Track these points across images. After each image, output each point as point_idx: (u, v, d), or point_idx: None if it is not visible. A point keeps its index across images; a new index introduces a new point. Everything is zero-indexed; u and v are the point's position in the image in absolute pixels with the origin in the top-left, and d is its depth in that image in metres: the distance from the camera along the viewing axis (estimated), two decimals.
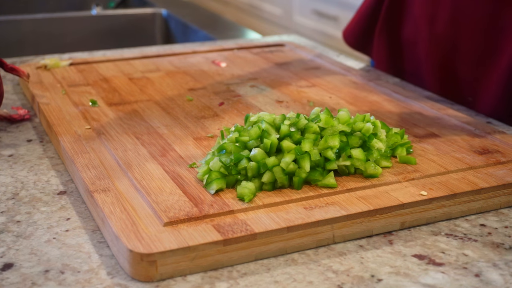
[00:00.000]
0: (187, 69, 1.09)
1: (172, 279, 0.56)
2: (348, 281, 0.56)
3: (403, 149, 0.74)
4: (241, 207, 0.62)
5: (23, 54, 1.55)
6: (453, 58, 1.02)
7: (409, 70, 1.11)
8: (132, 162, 0.71)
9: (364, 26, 1.19)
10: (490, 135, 0.81)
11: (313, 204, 0.63)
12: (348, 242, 0.62)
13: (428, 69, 1.06)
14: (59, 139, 0.78)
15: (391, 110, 0.90)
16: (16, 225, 0.64)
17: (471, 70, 1.00)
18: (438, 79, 1.05)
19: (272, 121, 0.70)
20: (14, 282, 0.55)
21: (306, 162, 0.66)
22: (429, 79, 1.06)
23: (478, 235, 0.64)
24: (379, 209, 0.62)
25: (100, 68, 1.08)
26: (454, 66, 1.02)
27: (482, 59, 0.99)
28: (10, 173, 0.75)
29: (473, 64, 1.00)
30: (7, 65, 0.90)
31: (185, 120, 0.85)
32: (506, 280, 0.56)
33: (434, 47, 1.04)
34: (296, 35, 1.38)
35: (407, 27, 1.10)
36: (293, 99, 0.95)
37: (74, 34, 1.82)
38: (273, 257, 0.59)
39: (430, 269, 0.58)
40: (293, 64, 1.12)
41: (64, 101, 0.91)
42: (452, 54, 1.02)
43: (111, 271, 0.57)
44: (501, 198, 0.68)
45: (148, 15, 1.89)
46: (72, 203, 0.68)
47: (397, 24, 1.12)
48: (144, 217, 0.60)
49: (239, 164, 0.66)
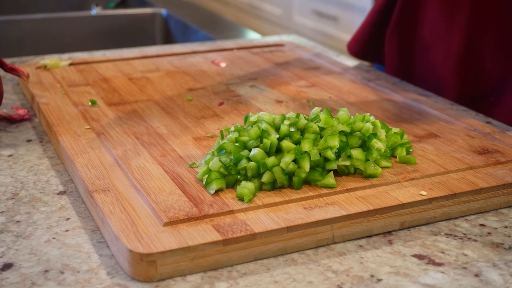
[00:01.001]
0: (187, 69, 1.09)
1: (171, 279, 0.56)
2: (348, 281, 0.56)
3: (402, 149, 0.74)
4: (240, 207, 0.62)
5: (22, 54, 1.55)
6: (474, 58, 1.01)
7: (420, 74, 1.10)
8: (132, 162, 0.71)
9: (372, 34, 1.17)
10: (489, 135, 0.81)
11: (313, 204, 0.63)
12: (347, 242, 0.62)
13: (446, 71, 1.04)
14: (59, 139, 0.78)
15: (390, 110, 0.90)
16: (16, 225, 0.64)
17: (494, 70, 0.99)
18: (456, 81, 1.03)
19: (272, 121, 0.70)
20: (14, 282, 0.55)
21: (306, 162, 0.66)
22: (446, 82, 1.04)
23: (478, 235, 0.64)
24: (379, 209, 0.63)
25: (100, 68, 1.08)
26: (475, 66, 1.01)
27: (506, 57, 0.98)
28: (10, 173, 0.75)
29: (497, 63, 0.99)
30: (7, 65, 0.90)
31: (184, 120, 0.85)
32: (506, 280, 0.56)
33: (453, 48, 1.03)
34: (296, 35, 1.38)
35: (421, 30, 1.08)
36: (293, 99, 0.95)
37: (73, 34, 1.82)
38: (272, 257, 0.59)
39: (429, 269, 0.58)
40: (293, 64, 1.12)
41: (63, 101, 0.91)
42: (473, 54, 1.00)
43: (110, 271, 0.57)
44: (501, 198, 0.68)
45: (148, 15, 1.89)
46: (71, 203, 0.68)
47: (410, 28, 1.10)
48: (143, 217, 0.60)
49: (239, 164, 0.66)
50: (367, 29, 1.18)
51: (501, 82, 0.99)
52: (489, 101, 1.00)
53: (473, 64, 1.01)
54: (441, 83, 1.06)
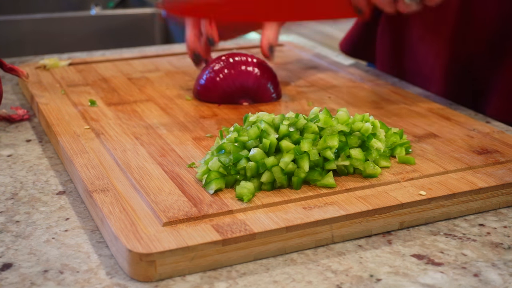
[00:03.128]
0: (187, 69, 1.09)
1: (171, 279, 0.56)
2: (347, 281, 0.56)
3: (402, 149, 0.74)
4: (240, 207, 0.62)
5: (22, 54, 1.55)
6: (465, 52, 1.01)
7: (411, 69, 1.10)
8: (131, 162, 0.71)
9: (363, 32, 1.18)
10: (489, 135, 0.81)
11: (312, 204, 0.63)
12: (347, 242, 0.62)
13: (438, 65, 1.04)
14: (58, 139, 0.78)
15: (390, 109, 0.90)
16: (15, 225, 0.64)
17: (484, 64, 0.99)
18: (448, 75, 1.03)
19: (271, 121, 0.70)
20: (13, 282, 0.55)
21: (305, 162, 0.66)
22: (436, 77, 1.04)
23: (477, 235, 0.64)
24: (378, 209, 0.63)
25: (99, 68, 1.08)
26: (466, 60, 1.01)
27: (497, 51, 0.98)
28: (9, 173, 0.75)
29: (487, 58, 0.99)
30: (6, 65, 0.90)
31: (184, 120, 0.85)
32: (505, 280, 0.56)
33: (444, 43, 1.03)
34: (295, 35, 1.38)
35: (413, 25, 1.09)
36: (292, 99, 0.95)
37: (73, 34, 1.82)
38: (272, 257, 0.59)
39: (429, 269, 0.58)
40: (292, 64, 1.12)
41: (63, 101, 0.91)
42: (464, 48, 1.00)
43: (110, 271, 0.57)
44: (500, 198, 0.68)
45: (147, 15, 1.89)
46: (71, 203, 0.68)
47: (401, 24, 1.11)
48: (143, 217, 0.60)
49: (238, 164, 0.66)
50: (358, 27, 1.19)
51: (491, 76, 0.99)
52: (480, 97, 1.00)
53: (463, 59, 1.01)
54: (432, 78, 1.06)
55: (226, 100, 0.92)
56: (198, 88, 0.93)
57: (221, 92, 0.91)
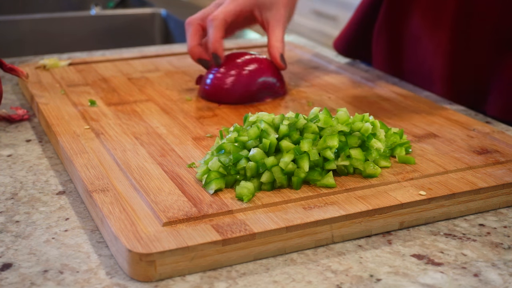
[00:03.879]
0: (186, 69, 1.09)
1: (171, 279, 0.56)
2: (347, 281, 0.56)
3: (402, 149, 0.74)
4: (240, 207, 0.62)
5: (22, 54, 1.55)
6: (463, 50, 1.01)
7: (410, 69, 1.10)
8: (131, 162, 0.71)
9: (357, 32, 1.18)
10: (489, 135, 0.81)
11: (312, 204, 0.63)
12: (347, 242, 0.62)
13: (437, 63, 1.04)
14: (58, 139, 0.78)
15: (390, 109, 0.90)
16: (15, 225, 0.64)
17: (483, 62, 0.99)
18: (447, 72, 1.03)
19: (271, 121, 0.70)
20: (13, 282, 0.55)
21: (305, 162, 0.66)
22: (436, 76, 1.04)
23: (477, 235, 0.64)
24: (378, 209, 0.63)
25: (99, 68, 1.08)
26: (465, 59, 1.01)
27: (495, 50, 0.98)
28: (9, 173, 0.75)
29: (486, 56, 0.99)
30: (6, 65, 0.90)
31: (184, 120, 0.85)
32: (505, 280, 0.56)
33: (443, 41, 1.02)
34: (295, 35, 1.38)
35: (411, 22, 1.08)
36: (292, 99, 0.95)
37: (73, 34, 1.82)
38: (272, 257, 0.59)
39: (429, 269, 0.58)
40: (292, 64, 1.12)
41: (63, 101, 0.91)
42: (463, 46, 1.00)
43: (110, 271, 0.57)
44: (500, 198, 0.68)
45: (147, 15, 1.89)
46: (71, 203, 0.68)
47: (399, 22, 1.10)
48: (143, 217, 0.60)
49: (238, 164, 0.66)
50: (352, 27, 1.19)
51: (491, 75, 0.99)
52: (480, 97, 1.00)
53: (462, 57, 1.01)
54: (430, 77, 1.06)
55: (248, 99, 0.91)
56: (207, 88, 0.93)
57: (243, 91, 0.91)
